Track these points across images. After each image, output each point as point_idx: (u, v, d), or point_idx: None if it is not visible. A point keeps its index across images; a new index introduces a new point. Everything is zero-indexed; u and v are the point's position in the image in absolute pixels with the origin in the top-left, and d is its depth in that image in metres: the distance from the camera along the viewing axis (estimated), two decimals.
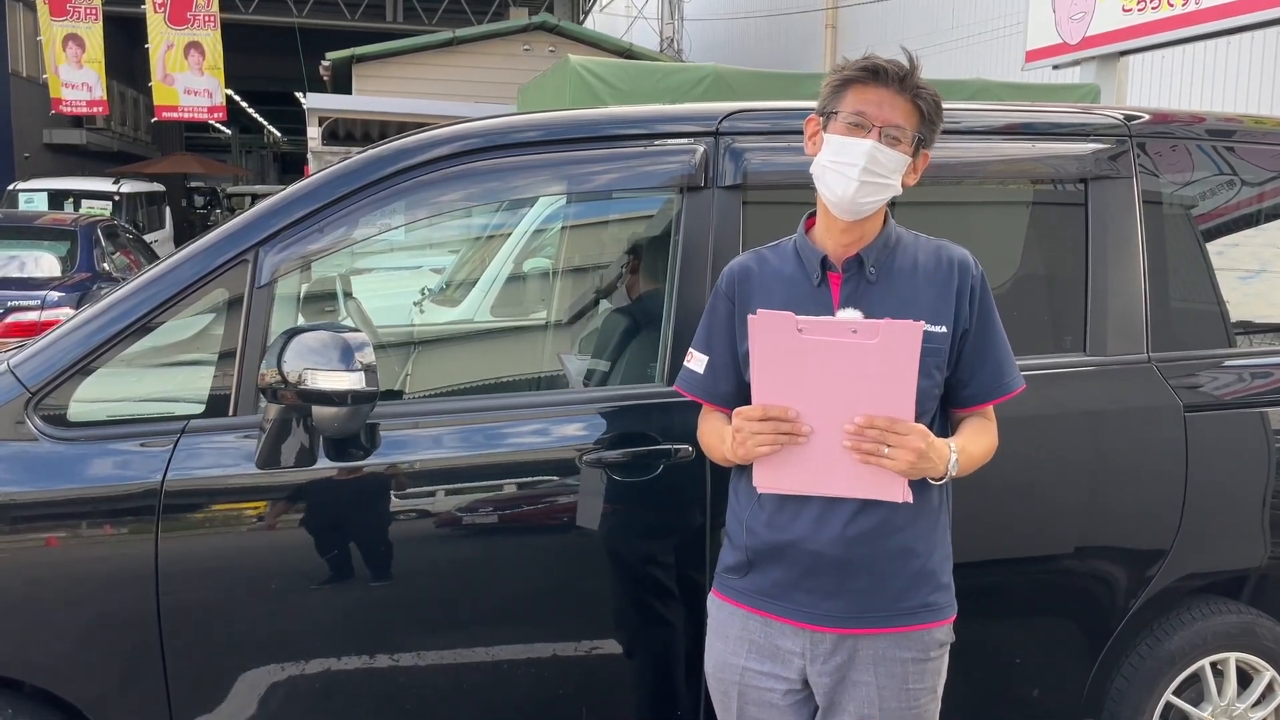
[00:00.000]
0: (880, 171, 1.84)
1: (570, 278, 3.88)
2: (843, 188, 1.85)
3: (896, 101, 1.85)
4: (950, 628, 1.97)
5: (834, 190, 1.86)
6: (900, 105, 1.85)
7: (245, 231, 2.32)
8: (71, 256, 8.23)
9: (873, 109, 1.85)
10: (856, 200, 1.85)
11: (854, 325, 1.75)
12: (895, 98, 1.85)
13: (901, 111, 1.85)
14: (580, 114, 2.59)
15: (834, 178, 1.86)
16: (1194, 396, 2.61)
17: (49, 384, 2.21)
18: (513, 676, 2.36)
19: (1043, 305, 2.69)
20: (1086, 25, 8.42)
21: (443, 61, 16.42)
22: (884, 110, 1.84)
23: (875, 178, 1.84)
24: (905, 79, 1.85)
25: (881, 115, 1.84)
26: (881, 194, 1.87)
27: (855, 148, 1.83)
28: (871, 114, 1.84)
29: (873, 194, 1.86)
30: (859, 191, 1.84)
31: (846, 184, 1.84)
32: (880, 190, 1.86)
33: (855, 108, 1.86)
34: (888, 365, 1.73)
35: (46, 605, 2.16)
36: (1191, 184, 2.78)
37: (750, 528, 1.95)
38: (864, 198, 1.85)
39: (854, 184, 1.84)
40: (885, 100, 1.85)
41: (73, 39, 17.40)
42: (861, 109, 1.85)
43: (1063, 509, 2.54)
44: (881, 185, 1.85)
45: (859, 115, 1.85)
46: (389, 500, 2.30)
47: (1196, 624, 2.68)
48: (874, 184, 1.84)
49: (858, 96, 1.86)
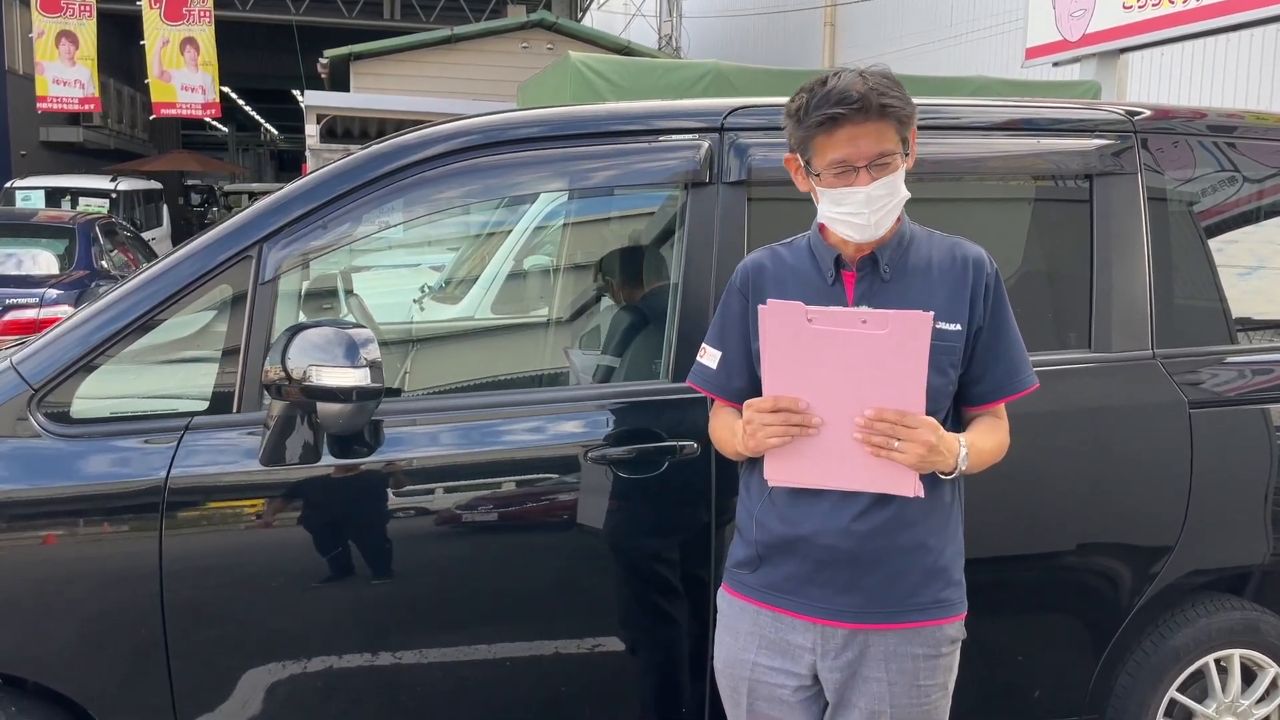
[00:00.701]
0: (885, 201, 1.83)
1: (573, 275, 3.87)
2: (859, 232, 1.85)
3: (868, 130, 1.78)
4: (961, 624, 1.96)
5: (852, 235, 1.86)
6: (871, 129, 1.79)
7: (248, 228, 2.31)
8: (70, 254, 8.21)
9: (850, 150, 1.79)
10: (878, 231, 1.86)
11: (864, 315, 1.75)
12: (864, 126, 1.78)
13: (877, 136, 1.79)
14: (583, 110, 2.58)
15: (846, 228, 1.86)
16: (1198, 393, 2.61)
17: (52, 381, 2.21)
18: (516, 675, 2.36)
19: (1047, 302, 2.69)
20: (1086, 22, 8.42)
21: (441, 59, 16.39)
22: (860, 146, 1.79)
23: (883, 209, 1.84)
24: (866, 106, 1.77)
25: (861, 152, 1.79)
26: (896, 210, 1.87)
27: (853, 197, 1.81)
28: (851, 156, 1.80)
29: (889, 216, 1.86)
30: (876, 229, 1.85)
31: (861, 229, 1.84)
32: (895, 209, 1.86)
33: (833, 157, 1.80)
34: (898, 356, 1.72)
35: (50, 603, 2.16)
36: (1194, 180, 2.78)
37: (761, 522, 1.94)
38: (883, 225, 1.86)
39: (869, 228, 1.84)
40: (857, 135, 1.78)
41: (66, 35, 17.34)
42: (839, 156, 1.80)
43: (1067, 506, 2.54)
44: (891, 208, 1.85)
45: (840, 163, 1.80)
46: (394, 497, 2.29)
47: (1201, 621, 2.68)
48: (885, 212, 1.84)
49: (828, 143, 1.80)
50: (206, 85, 18.68)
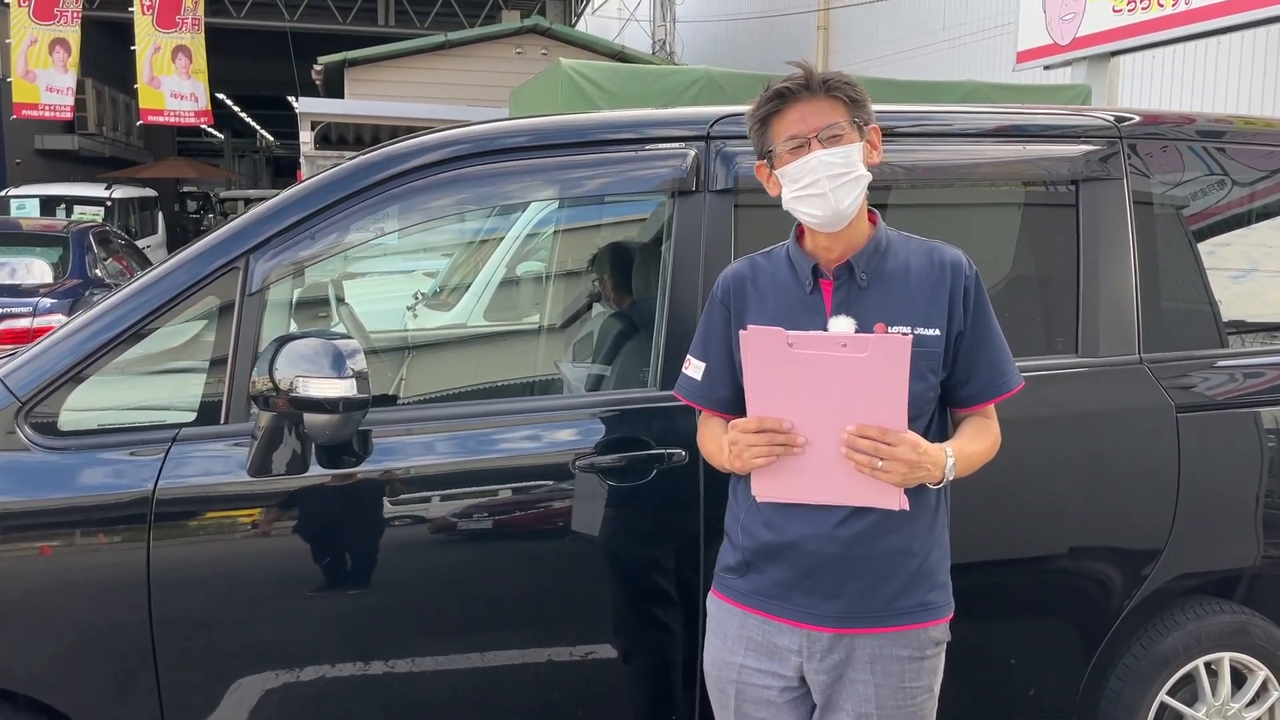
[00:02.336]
0: (841, 170, 1.85)
1: (563, 282, 3.88)
2: (820, 206, 1.87)
3: (815, 105, 1.87)
4: (946, 627, 1.97)
5: (814, 212, 1.88)
6: (820, 106, 1.87)
7: (235, 239, 2.31)
8: (64, 262, 8.20)
9: (799, 126, 1.87)
10: (839, 208, 1.86)
11: (844, 339, 1.78)
12: (811, 103, 1.87)
13: (825, 111, 1.87)
14: (571, 119, 2.59)
15: (807, 204, 1.88)
16: (1186, 397, 2.62)
17: (39, 393, 2.21)
18: (508, 682, 2.36)
19: (1035, 307, 2.69)
20: (1077, 26, 8.44)
21: (435, 65, 16.40)
22: (809, 120, 1.87)
23: (841, 179, 1.85)
24: (809, 84, 1.87)
25: (810, 125, 1.86)
26: (856, 188, 1.88)
27: (806, 165, 1.86)
28: (800, 130, 1.87)
29: (849, 193, 1.87)
30: (836, 198, 1.86)
31: (821, 202, 1.86)
32: (854, 185, 1.87)
33: (784, 136, 1.88)
34: (878, 378, 1.75)
35: (39, 615, 2.16)
36: (1182, 184, 2.79)
37: (748, 529, 1.96)
38: (844, 201, 1.86)
39: (827, 196, 1.85)
40: (805, 112, 1.87)
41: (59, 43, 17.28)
42: (790, 132, 1.88)
43: (1056, 510, 2.54)
44: (852, 180, 1.86)
45: (792, 137, 1.87)
46: (382, 507, 2.30)
47: (1190, 624, 2.68)
48: (844, 184, 1.86)
49: (780, 124, 1.89)
50: (198, 93, 18.60)
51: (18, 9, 16.69)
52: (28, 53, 16.83)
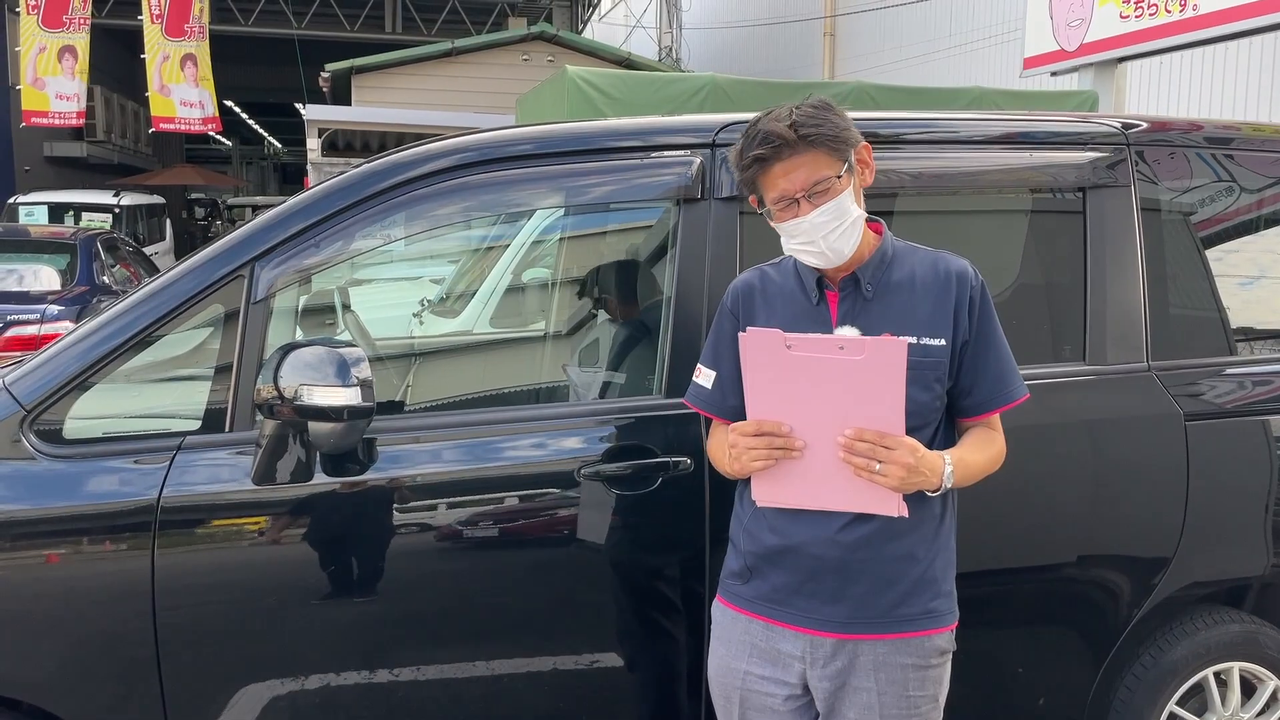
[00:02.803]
0: (835, 223, 1.85)
1: (568, 289, 3.87)
2: (821, 259, 1.89)
3: (796, 162, 1.83)
4: (951, 635, 1.96)
5: (814, 262, 1.90)
6: (803, 160, 1.83)
7: (240, 247, 2.31)
8: (71, 269, 8.22)
9: (785, 184, 1.84)
10: (839, 252, 1.88)
11: (841, 342, 1.78)
12: (793, 159, 1.83)
13: (808, 164, 1.83)
14: (576, 126, 2.59)
15: (807, 257, 1.90)
16: (1195, 405, 2.60)
17: (44, 401, 2.21)
18: (513, 691, 2.35)
19: (1042, 315, 2.68)
20: (1084, 32, 8.43)
21: (442, 72, 16.45)
22: (794, 179, 1.83)
23: (836, 230, 1.85)
24: (786, 142, 1.82)
25: (796, 184, 1.83)
26: (853, 232, 1.88)
27: (799, 227, 1.85)
28: (788, 190, 1.84)
29: (845, 239, 1.87)
30: (835, 253, 1.87)
31: (820, 257, 1.88)
32: (849, 231, 1.87)
33: (773, 195, 1.87)
34: (875, 381, 1.75)
35: (44, 624, 2.16)
36: (1190, 191, 2.77)
37: (752, 533, 1.97)
38: (842, 246, 1.87)
39: (826, 253, 1.87)
40: (788, 169, 1.84)
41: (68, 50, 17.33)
42: (777, 193, 1.86)
43: (1064, 519, 2.53)
44: (847, 227, 1.86)
45: (780, 199, 1.86)
46: (386, 515, 2.29)
47: (1200, 633, 2.66)
48: (840, 233, 1.86)
49: (766, 181, 1.87)
50: (205, 100, 18.68)
51: (27, 16, 16.76)
52: (36, 60, 16.88)
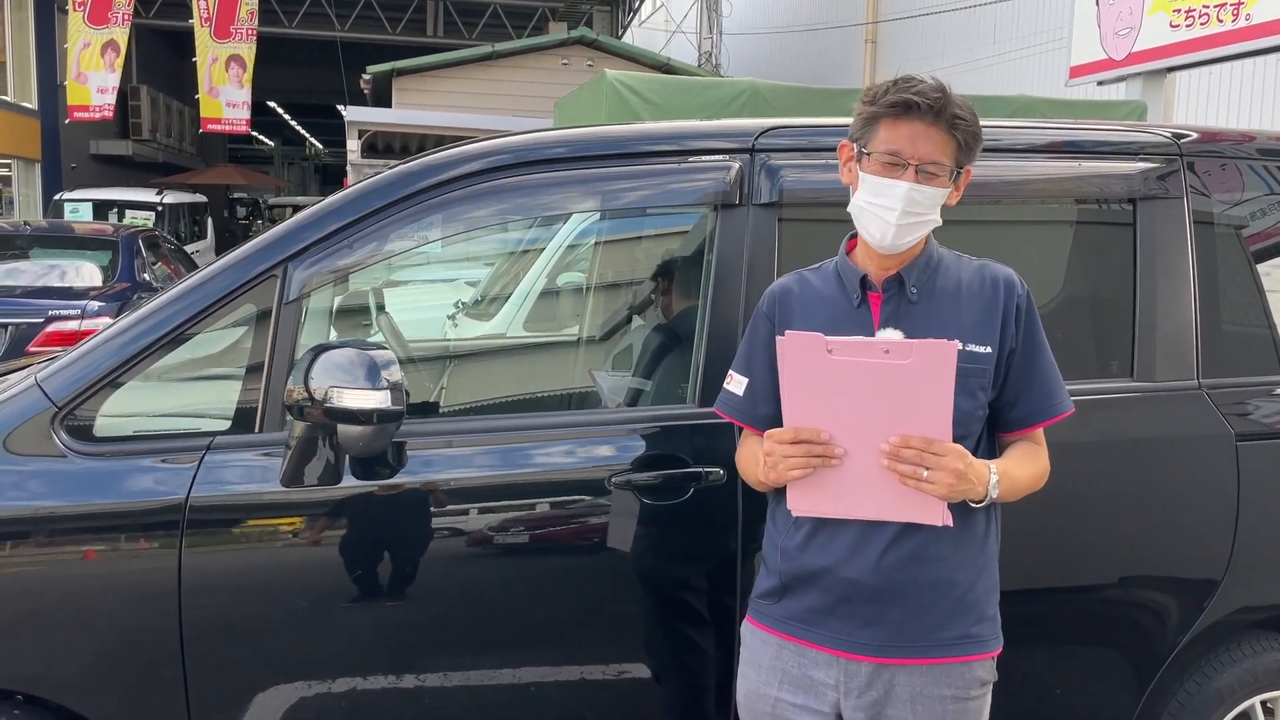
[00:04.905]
0: (918, 210, 1.79)
1: (603, 294, 3.85)
2: (880, 231, 1.81)
3: (932, 134, 1.77)
4: (993, 664, 1.89)
5: (872, 234, 1.82)
6: (936, 138, 1.78)
7: (274, 247, 2.30)
8: (113, 266, 8.31)
9: (907, 145, 1.78)
10: (897, 241, 1.81)
11: (886, 345, 1.70)
12: (930, 129, 1.77)
13: (937, 144, 1.78)
14: (612, 130, 2.56)
15: (871, 221, 1.82)
16: (1246, 425, 2.52)
17: (75, 398, 2.21)
18: (539, 699, 2.32)
19: (1088, 328, 2.62)
20: (1133, 41, 8.28)
21: (482, 75, 16.53)
22: (919, 146, 1.77)
23: (913, 218, 1.79)
24: (940, 110, 1.77)
25: (917, 152, 1.77)
26: (920, 231, 1.82)
27: (892, 190, 1.78)
28: (906, 151, 1.78)
29: (911, 233, 1.81)
30: (897, 234, 1.80)
31: (885, 228, 1.80)
32: (918, 228, 1.81)
33: (889, 145, 1.79)
34: (923, 386, 1.67)
35: (69, 622, 2.15)
36: (1242, 204, 2.70)
37: (785, 552, 1.90)
38: (903, 239, 1.81)
39: (892, 228, 1.79)
40: (920, 134, 1.77)
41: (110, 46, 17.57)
42: (895, 147, 1.78)
43: (1108, 538, 2.46)
44: (920, 223, 1.81)
45: (893, 154, 1.78)
46: (414, 519, 2.27)
47: (1247, 660, 2.58)
48: (912, 224, 1.80)
49: (890, 132, 1.79)
50: (248, 101, 18.91)
51: (74, 13, 17.04)
52: (80, 56, 17.16)
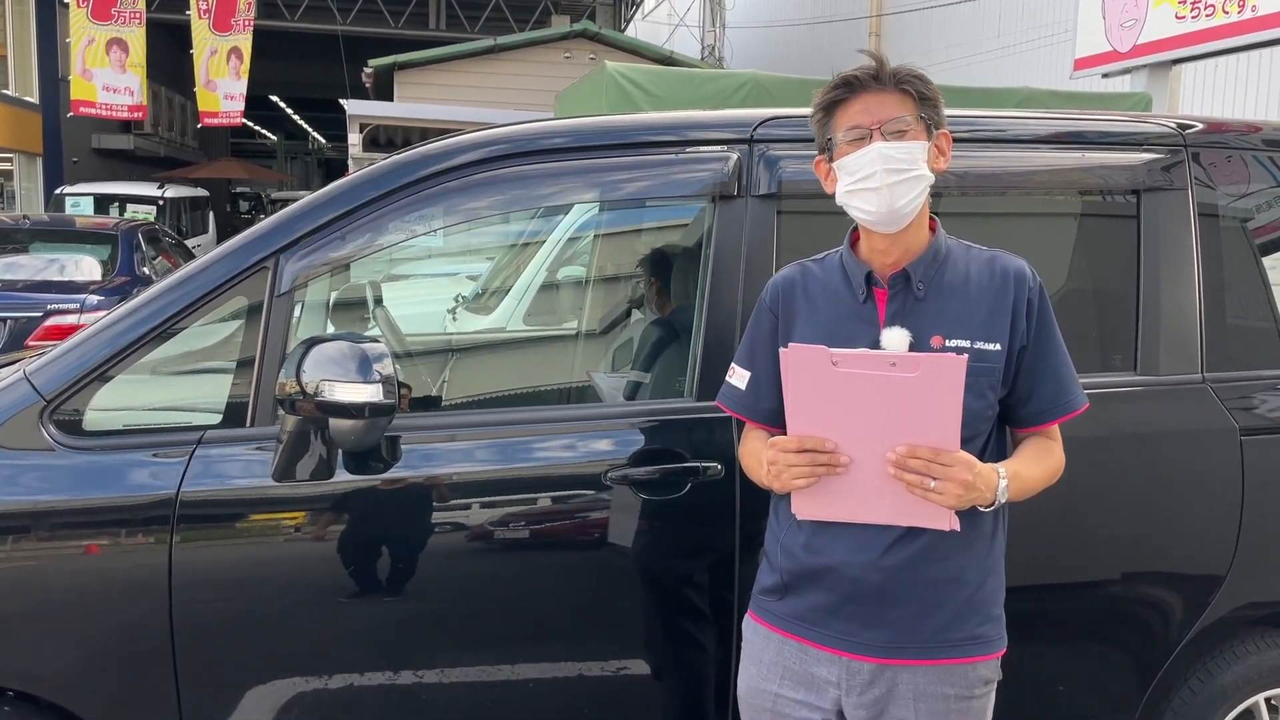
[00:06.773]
0: (901, 166, 1.75)
1: (601, 287, 3.82)
2: (874, 201, 1.76)
3: (883, 98, 1.78)
4: (997, 664, 1.86)
5: (867, 208, 1.78)
6: (888, 99, 1.78)
7: (265, 238, 2.27)
8: (112, 260, 8.29)
9: (863, 116, 1.77)
10: (894, 206, 1.76)
11: (893, 358, 1.67)
12: (879, 95, 1.78)
13: (892, 104, 1.78)
14: (611, 120, 2.53)
15: (860, 197, 1.78)
16: (1250, 419, 2.49)
17: (64, 392, 2.18)
18: (537, 695, 2.30)
19: (1091, 322, 2.59)
20: (1138, 33, 8.23)
21: (484, 69, 16.49)
22: (874, 112, 1.77)
23: (899, 175, 1.74)
24: (879, 75, 1.78)
25: (874, 116, 1.77)
26: (915, 187, 1.77)
27: (865, 157, 1.76)
28: (865, 120, 1.77)
29: (906, 191, 1.76)
30: (892, 195, 1.75)
31: (876, 196, 1.76)
32: (912, 184, 1.76)
33: (847, 124, 1.79)
34: (929, 399, 1.64)
35: (59, 618, 2.13)
36: (1248, 196, 2.67)
37: (788, 550, 1.87)
38: (900, 200, 1.75)
39: (883, 192, 1.75)
40: (871, 103, 1.78)
41: (116, 43, 17.51)
42: (853, 122, 1.78)
43: (1111, 535, 2.43)
44: (911, 179, 1.76)
45: (854, 129, 1.78)
46: (407, 514, 2.25)
47: (1251, 658, 2.55)
48: (903, 181, 1.75)
49: (844, 114, 1.80)
50: (244, 93, 18.84)
51: (77, 9, 17.00)
52: (85, 52, 17.10)
